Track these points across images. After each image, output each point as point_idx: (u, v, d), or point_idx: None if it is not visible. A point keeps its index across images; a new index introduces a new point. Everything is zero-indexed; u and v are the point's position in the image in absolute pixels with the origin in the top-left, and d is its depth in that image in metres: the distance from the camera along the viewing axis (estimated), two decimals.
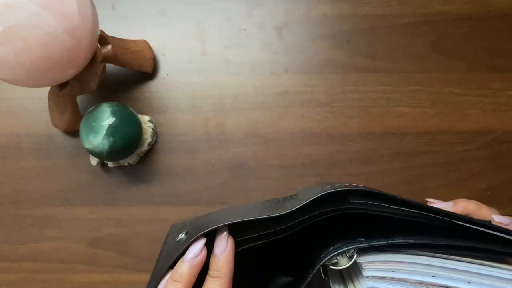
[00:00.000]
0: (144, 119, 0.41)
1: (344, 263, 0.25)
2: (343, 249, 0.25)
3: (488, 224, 0.24)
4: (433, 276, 0.24)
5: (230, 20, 0.44)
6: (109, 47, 0.38)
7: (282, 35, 0.44)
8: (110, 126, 0.36)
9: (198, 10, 0.44)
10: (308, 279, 0.26)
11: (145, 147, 0.41)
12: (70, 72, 0.34)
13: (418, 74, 0.43)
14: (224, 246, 0.27)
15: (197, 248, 0.27)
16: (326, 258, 0.25)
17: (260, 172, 0.42)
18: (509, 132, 0.42)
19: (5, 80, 0.32)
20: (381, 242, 0.24)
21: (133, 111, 0.40)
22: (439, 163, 0.42)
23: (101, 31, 0.37)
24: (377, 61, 0.43)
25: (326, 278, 0.27)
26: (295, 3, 0.44)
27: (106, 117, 0.36)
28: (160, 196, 0.42)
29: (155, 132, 0.42)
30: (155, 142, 0.43)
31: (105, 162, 0.42)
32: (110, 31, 0.39)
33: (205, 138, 0.43)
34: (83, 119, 0.38)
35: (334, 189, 0.25)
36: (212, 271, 0.27)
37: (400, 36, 0.43)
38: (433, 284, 0.24)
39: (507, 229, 0.24)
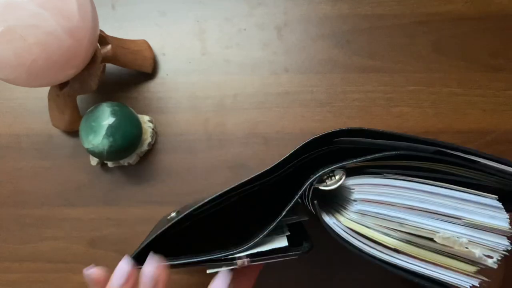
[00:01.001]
0: (144, 119, 0.41)
1: (332, 184, 0.26)
2: (332, 167, 0.26)
3: (475, 152, 0.24)
4: (421, 201, 0.24)
5: (230, 20, 0.44)
6: (109, 47, 0.38)
7: (282, 35, 0.44)
8: (110, 126, 0.36)
9: (198, 10, 0.44)
10: (296, 197, 0.26)
11: (145, 147, 0.41)
12: (70, 72, 0.34)
13: (418, 74, 0.43)
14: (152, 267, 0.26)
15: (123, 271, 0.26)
16: (316, 176, 0.26)
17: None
18: (509, 132, 0.42)
19: (5, 80, 0.32)
20: (367, 157, 0.25)
21: (133, 111, 0.40)
22: None
23: (101, 31, 0.37)
24: (377, 61, 0.43)
25: (315, 206, 0.28)
26: (295, 3, 0.44)
27: (106, 117, 0.36)
28: (160, 196, 0.42)
29: (155, 132, 0.42)
30: (155, 142, 0.43)
31: (105, 162, 0.42)
32: (110, 31, 0.39)
33: (205, 138, 0.43)
34: (83, 119, 0.38)
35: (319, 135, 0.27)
36: None
37: (400, 36, 0.43)
38: (422, 209, 0.24)
39: (494, 156, 0.24)
